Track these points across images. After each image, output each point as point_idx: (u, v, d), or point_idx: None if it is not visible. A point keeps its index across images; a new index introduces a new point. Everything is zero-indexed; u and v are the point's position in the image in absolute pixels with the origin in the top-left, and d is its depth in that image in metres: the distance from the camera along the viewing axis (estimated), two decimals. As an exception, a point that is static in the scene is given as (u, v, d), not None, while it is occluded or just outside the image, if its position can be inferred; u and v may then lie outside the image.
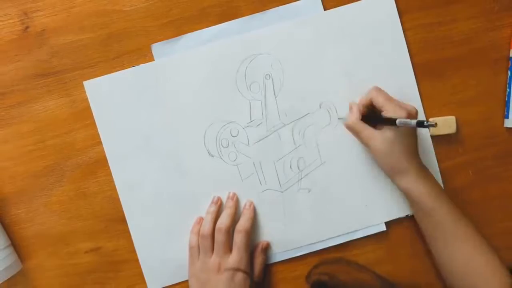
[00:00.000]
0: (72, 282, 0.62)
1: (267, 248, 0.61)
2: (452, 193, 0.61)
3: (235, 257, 0.57)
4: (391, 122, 0.54)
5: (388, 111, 0.54)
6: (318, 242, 0.61)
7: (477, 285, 0.54)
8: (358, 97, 0.59)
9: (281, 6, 0.61)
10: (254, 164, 0.61)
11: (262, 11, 0.61)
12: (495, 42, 0.62)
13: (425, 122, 0.51)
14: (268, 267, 0.62)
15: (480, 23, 0.62)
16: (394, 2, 0.60)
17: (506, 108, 0.62)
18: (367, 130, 0.56)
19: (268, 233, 0.61)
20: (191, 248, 0.60)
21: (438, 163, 0.62)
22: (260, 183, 0.61)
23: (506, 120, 0.62)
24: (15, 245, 0.61)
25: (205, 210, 0.60)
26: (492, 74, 0.62)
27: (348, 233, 0.61)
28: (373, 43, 0.61)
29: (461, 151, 0.62)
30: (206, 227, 0.59)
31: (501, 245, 0.61)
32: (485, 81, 0.62)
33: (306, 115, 0.61)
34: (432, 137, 0.61)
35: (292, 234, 0.61)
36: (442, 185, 0.61)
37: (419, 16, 0.61)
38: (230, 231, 0.59)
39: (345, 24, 0.61)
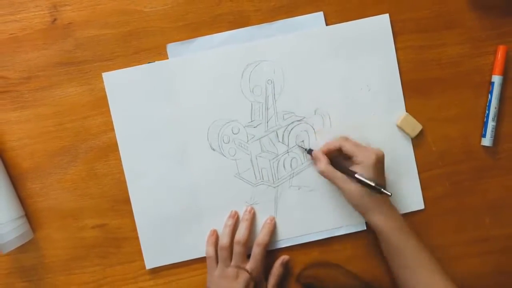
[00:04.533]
0: (78, 253, 0.65)
1: (287, 263, 0.65)
2: (430, 202, 0.66)
3: (252, 267, 0.62)
4: (352, 174, 0.59)
5: (358, 156, 0.59)
6: (303, 235, 0.66)
7: None
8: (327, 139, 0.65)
9: (287, 19, 0.65)
10: (251, 160, 0.66)
11: (270, 22, 0.65)
12: (479, 67, 0.66)
13: (382, 189, 0.57)
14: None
15: (467, 49, 0.66)
16: (390, 23, 0.65)
17: (484, 128, 0.66)
18: (340, 175, 0.60)
19: (259, 223, 0.65)
20: (208, 258, 0.64)
21: (418, 173, 0.66)
22: (256, 178, 0.65)
23: (483, 139, 0.66)
24: (29, 216, 0.65)
25: (206, 205, 0.65)
26: (474, 96, 0.66)
27: (331, 229, 0.66)
28: (368, 59, 0.65)
29: (440, 164, 0.67)
30: (225, 240, 0.63)
31: (472, 251, 0.67)
32: (467, 102, 0.66)
33: (302, 119, 0.65)
34: (414, 148, 0.66)
35: (281, 226, 0.65)
36: (421, 193, 0.66)
37: (411, 38, 0.66)
38: (248, 243, 0.63)
39: (344, 39, 0.65)
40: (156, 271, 0.66)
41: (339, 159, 0.63)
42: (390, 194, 0.58)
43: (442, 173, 0.67)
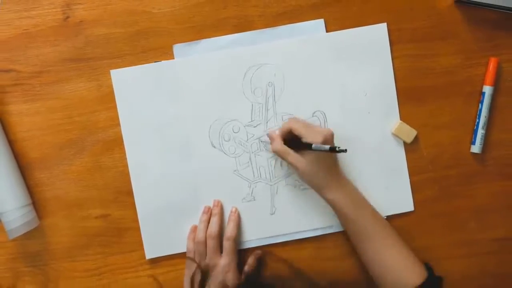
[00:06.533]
0: (81, 241, 0.68)
1: (261, 257, 0.68)
2: (419, 204, 0.69)
3: (225, 261, 0.64)
4: (309, 146, 0.59)
5: (307, 138, 0.60)
6: (297, 232, 0.68)
7: (400, 277, 0.60)
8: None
9: (290, 25, 0.68)
10: (250, 158, 0.68)
11: (273, 26, 0.68)
12: (471, 78, 0.69)
13: (337, 148, 0.57)
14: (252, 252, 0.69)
15: (460, 60, 0.69)
16: (387, 32, 0.68)
17: (473, 135, 0.69)
18: (293, 154, 0.61)
19: (256, 219, 0.68)
20: (188, 252, 0.67)
21: (409, 176, 0.68)
22: (254, 175, 0.68)
23: (472, 146, 0.69)
24: (35, 204, 0.67)
25: (205, 199, 0.68)
26: (465, 105, 0.69)
27: (324, 227, 0.68)
28: (365, 65, 0.68)
29: (431, 168, 0.69)
30: (200, 235, 0.66)
31: (458, 253, 0.69)
32: (458, 110, 0.69)
33: (300, 121, 0.68)
34: (406, 152, 0.69)
35: (277, 222, 0.68)
36: (411, 196, 0.68)
37: (407, 47, 0.68)
38: (219, 236, 0.66)
39: (343, 46, 0.68)
40: (155, 261, 0.68)
41: (292, 140, 0.63)
42: (345, 150, 0.57)
43: (432, 177, 0.69)
